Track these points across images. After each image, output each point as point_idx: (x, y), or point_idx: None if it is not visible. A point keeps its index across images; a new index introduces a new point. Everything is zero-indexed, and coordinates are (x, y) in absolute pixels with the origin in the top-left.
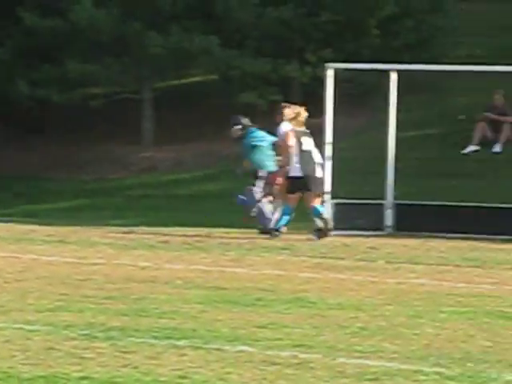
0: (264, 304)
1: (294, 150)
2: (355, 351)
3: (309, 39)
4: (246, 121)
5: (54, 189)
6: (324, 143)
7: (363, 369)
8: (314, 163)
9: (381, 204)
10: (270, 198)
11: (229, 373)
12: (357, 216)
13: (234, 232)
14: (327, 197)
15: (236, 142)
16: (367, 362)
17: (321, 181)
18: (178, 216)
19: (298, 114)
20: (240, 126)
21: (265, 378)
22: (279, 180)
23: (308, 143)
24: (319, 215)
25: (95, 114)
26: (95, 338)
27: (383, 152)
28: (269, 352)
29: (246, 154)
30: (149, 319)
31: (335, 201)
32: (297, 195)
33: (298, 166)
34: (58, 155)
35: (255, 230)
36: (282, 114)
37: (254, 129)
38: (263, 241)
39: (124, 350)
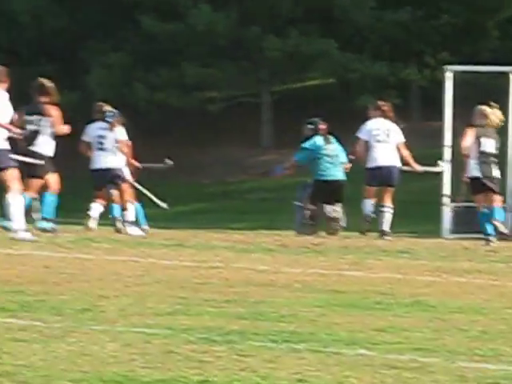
0: (383, 307)
1: None
2: (475, 355)
3: (427, 42)
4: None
5: (174, 192)
6: (443, 146)
7: (483, 373)
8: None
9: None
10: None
11: (347, 376)
12: (475, 220)
13: (352, 236)
14: (446, 200)
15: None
16: (487, 365)
17: None
18: None
19: None
20: (312, 126)
21: (383, 382)
22: None
23: None
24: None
25: (214, 117)
26: (214, 341)
27: (504, 156)
28: (388, 355)
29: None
30: (267, 323)
31: (454, 204)
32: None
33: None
34: (179, 158)
35: (375, 234)
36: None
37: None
38: (382, 244)
39: (242, 353)
